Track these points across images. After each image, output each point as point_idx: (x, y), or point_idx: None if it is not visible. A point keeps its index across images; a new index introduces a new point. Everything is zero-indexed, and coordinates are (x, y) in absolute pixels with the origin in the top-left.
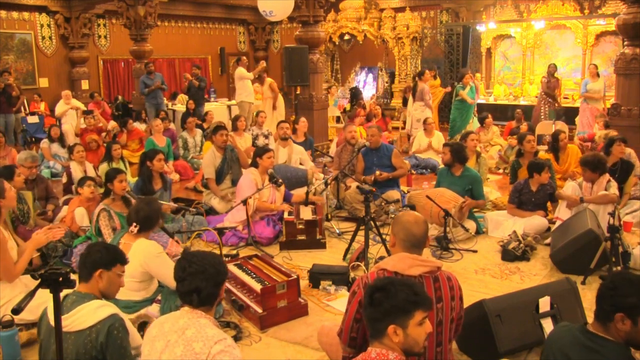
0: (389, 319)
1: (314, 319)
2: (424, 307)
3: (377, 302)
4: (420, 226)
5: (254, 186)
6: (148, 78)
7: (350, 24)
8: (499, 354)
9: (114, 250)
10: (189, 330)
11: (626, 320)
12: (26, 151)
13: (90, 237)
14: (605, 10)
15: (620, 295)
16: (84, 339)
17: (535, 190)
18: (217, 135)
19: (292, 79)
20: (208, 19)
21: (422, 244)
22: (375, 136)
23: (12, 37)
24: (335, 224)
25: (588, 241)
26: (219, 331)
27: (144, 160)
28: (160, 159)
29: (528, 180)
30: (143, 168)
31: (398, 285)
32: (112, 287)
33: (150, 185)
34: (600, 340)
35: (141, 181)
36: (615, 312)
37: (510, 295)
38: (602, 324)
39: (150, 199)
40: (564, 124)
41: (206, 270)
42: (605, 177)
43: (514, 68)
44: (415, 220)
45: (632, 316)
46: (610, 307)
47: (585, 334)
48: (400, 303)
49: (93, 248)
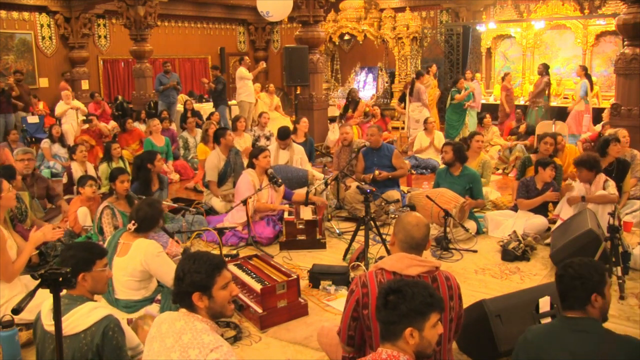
0: (406, 321)
1: (314, 319)
2: (439, 308)
3: (392, 304)
4: (421, 229)
5: (252, 187)
6: (164, 76)
7: (350, 24)
8: (499, 354)
9: (89, 249)
10: (185, 336)
11: (598, 297)
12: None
13: (91, 237)
14: (605, 10)
15: (587, 279)
16: (79, 342)
17: (540, 188)
18: (227, 136)
19: (292, 79)
20: (208, 19)
21: (421, 246)
22: (375, 136)
23: (12, 37)
24: (335, 224)
25: (588, 241)
26: (216, 337)
27: (140, 165)
28: (159, 159)
29: (534, 177)
30: (140, 172)
31: (414, 288)
32: (99, 284)
33: (148, 188)
34: (586, 321)
35: (138, 185)
36: (590, 295)
37: (510, 295)
38: (580, 311)
39: (152, 200)
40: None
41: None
42: (601, 177)
43: (514, 68)
44: (416, 223)
45: (601, 291)
46: (584, 292)
47: (570, 321)
48: (417, 306)
49: (66, 254)
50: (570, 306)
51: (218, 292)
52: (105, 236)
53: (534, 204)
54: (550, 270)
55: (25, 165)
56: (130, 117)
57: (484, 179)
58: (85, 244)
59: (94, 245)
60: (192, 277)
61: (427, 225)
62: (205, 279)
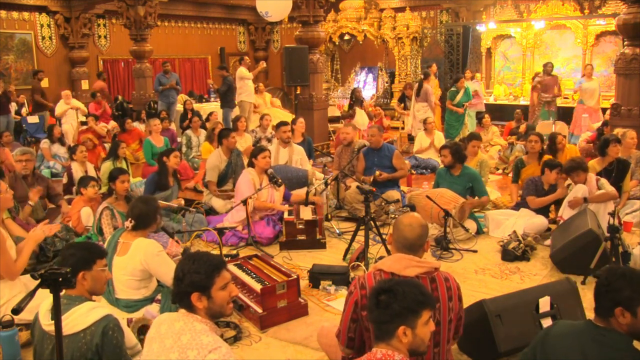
0: (399, 320)
1: (314, 319)
2: (430, 306)
3: (384, 304)
4: (414, 230)
5: (252, 186)
6: (164, 76)
7: (350, 24)
8: (499, 354)
9: (89, 248)
10: (184, 336)
11: (625, 313)
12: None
13: (91, 237)
14: (605, 10)
15: (615, 290)
16: (78, 342)
17: (547, 189)
18: (230, 138)
19: (292, 79)
20: (208, 19)
21: (417, 247)
22: (375, 136)
23: (12, 37)
24: (335, 224)
25: (588, 241)
26: (215, 338)
27: (159, 158)
28: (176, 155)
29: (541, 177)
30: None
31: (405, 286)
32: (98, 284)
33: (166, 179)
34: (610, 333)
35: (157, 175)
36: (614, 307)
37: (510, 295)
38: (604, 320)
39: (147, 197)
40: (564, 125)
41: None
42: (592, 177)
43: (514, 68)
44: (409, 223)
45: (630, 308)
46: (609, 302)
47: (595, 329)
48: (409, 304)
49: (67, 252)
50: (596, 311)
51: (217, 293)
52: (105, 237)
53: (545, 202)
54: (550, 270)
55: (23, 165)
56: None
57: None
58: (85, 244)
59: (94, 245)
60: (192, 278)
61: (422, 226)
62: (205, 279)
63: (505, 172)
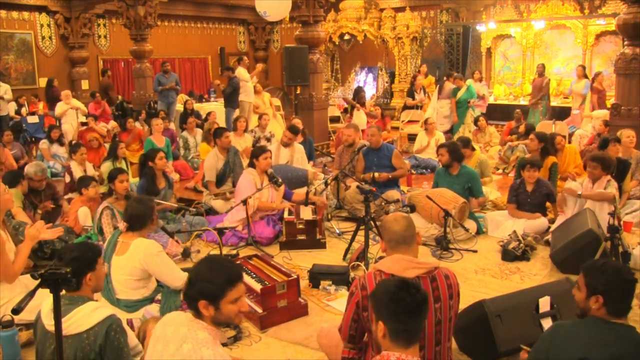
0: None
1: (314, 319)
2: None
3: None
4: (399, 222)
5: (253, 186)
6: (163, 76)
7: (350, 24)
8: (499, 354)
9: (91, 249)
10: (186, 345)
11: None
12: (34, 163)
13: (91, 237)
14: (605, 10)
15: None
16: (81, 342)
17: (530, 190)
18: (223, 137)
19: (292, 79)
20: (208, 19)
21: (408, 238)
22: (375, 136)
23: (12, 37)
24: (335, 224)
25: (588, 241)
26: (216, 351)
27: (144, 162)
28: (162, 157)
29: (523, 180)
30: (145, 169)
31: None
32: (100, 281)
33: (154, 185)
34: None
35: (145, 182)
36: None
37: (510, 295)
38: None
39: (141, 198)
40: (564, 125)
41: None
42: (606, 177)
43: (514, 68)
44: (394, 218)
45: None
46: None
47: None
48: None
49: (69, 256)
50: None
51: (226, 306)
52: (105, 236)
53: (521, 217)
54: (550, 270)
55: (40, 185)
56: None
57: (487, 177)
58: (86, 244)
59: (92, 244)
60: (203, 285)
61: (405, 218)
62: (215, 290)
63: (506, 172)
